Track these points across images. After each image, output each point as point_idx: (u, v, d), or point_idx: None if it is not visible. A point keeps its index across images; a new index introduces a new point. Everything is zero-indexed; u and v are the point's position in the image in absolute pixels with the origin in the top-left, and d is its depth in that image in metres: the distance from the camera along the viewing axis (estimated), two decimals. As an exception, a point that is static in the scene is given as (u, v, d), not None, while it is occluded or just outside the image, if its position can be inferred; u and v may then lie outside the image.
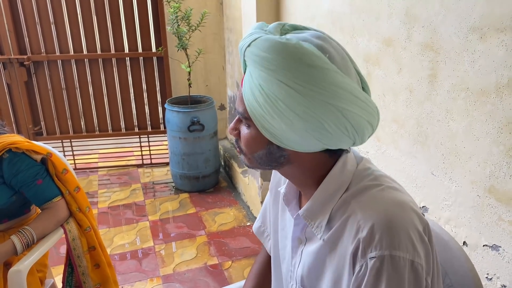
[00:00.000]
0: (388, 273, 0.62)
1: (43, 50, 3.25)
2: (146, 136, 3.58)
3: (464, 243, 1.22)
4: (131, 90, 3.45)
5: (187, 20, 2.92)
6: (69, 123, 3.46)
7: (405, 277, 0.62)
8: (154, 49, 3.36)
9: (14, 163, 1.36)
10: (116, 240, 2.59)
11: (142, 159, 3.67)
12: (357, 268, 0.65)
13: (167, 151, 3.49)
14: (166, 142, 3.54)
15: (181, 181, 3.18)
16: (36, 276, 1.49)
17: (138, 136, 3.58)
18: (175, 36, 2.93)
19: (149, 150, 3.64)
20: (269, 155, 0.71)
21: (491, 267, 1.14)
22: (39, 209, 1.59)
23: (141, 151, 3.64)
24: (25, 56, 3.19)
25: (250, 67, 0.66)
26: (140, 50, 3.37)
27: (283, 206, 0.86)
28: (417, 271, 0.63)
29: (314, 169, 0.73)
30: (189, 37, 2.98)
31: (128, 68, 3.42)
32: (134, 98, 3.48)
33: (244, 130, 0.73)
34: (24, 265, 1.32)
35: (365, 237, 0.64)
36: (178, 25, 2.90)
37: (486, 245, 1.15)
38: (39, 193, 1.41)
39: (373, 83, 1.53)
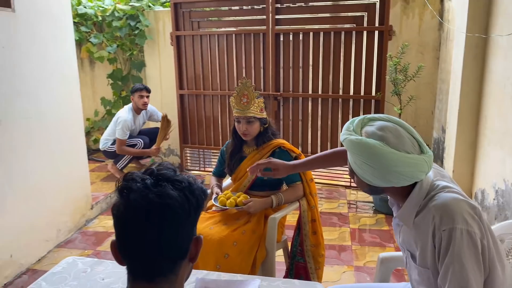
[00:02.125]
0: (454, 237, 1.16)
1: (291, 89, 4.41)
2: (357, 163, 4.33)
3: None
4: (350, 125, 4.28)
5: (404, 72, 3.57)
6: (300, 146, 4.51)
7: (464, 239, 1.15)
8: (373, 93, 4.12)
9: (281, 155, 2.30)
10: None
11: (350, 181, 4.43)
12: (437, 238, 1.21)
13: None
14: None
15: (380, 203, 3.79)
16: (279, 229, 2.38)
17: (350, 162, 4.36)
18: (392, 83, 3.62)
19: (357, 175, 4.37)
20: (371, 190, 1.33)
21: None
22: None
23: (351, 175, 4.40)
24: (278, 93, 4.41)
25: (347, 150, 1.29)
26: (362, 93, 4.18)
27: None
28: (472, 236, 1.16)
29: (400, 192, 1.31)
30: (404, 85, 3.62)
31: (350, 108, 4.27)
32: (352, 131, 4.29)
33: (354, 177, 1.34)
34: (277, 216, 2.23)
35: (437, 221, 1.20)
36: (396, 75, 3.58)
37: None
38: (290, 176, 2.31)
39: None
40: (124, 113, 4.39)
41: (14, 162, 2.81)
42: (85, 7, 4.92)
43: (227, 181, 2.63)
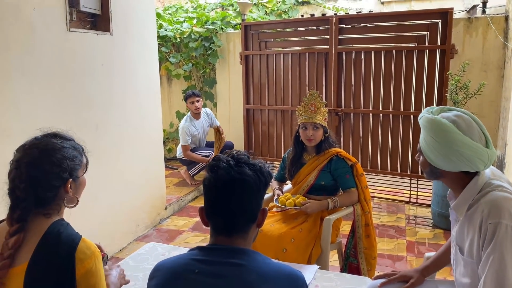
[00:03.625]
0: (498, 231, 1.30)
1: (352, 105, 4.59)
2: (416, 178, 4.39)
3: None
4: (410, 141, 4.36)
5: (465, 89, 3.63)
6: (359, 160, 4.65)
7: (508, 234, 1.29)
8: (434, 110, 4.17)
9: (337, 163, 2.52)
10: (378, 246, 3.49)
11: (410, 197, 4.48)
12: (483, 230, 1.35)
13: (431, 195, 4.17)
14: (431, 186, 4.23)
15: (438, 218, 3.82)
16: (334, 231, 2.58)
17: (409, 178, 4.44)
18: (452, 101, 3.68)
19: (417, 191, 4.42)
20: (431, 171, 1.49)
21: None
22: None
23: (410, 190, 4.46)
24: (339, 109, 4.61)
25: (421, 128, 1.48)
26: (423, 110, 4.24)
27: None
28: None
29: (457, 182, 1.46)
30: (465, 103, 3.67)
31: (411, 124, 4.35)
32: (412, 148, 4.37)
33: (421, 157, 1.52)
34: (332, 217, 2.44)
35: (485, 214, 1.34)
36: (456, 93, 3.65)
37: None
38: (345, 182, 2.53)
39: None
40: (182, 122, 4.88)
41: (106, 162, 3.28)
42: (165, 30, 5.50)
43: (288, 186, 2.88)
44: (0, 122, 2.44)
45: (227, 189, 1.13)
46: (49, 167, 1.22)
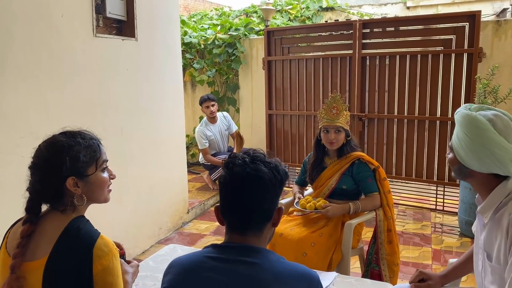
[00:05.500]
0: None
1: (376, 110, 4.53)
2: (442, 186, 4.27)
3: None
4: (436, 147, 4.26)
5: (494, 94, 3.52)
6: (384, 166, 4.56)
7: None
8: (461, 116, 4.07)
9: (359, 167, 2.48)
10: (403, 253, 3.42)
11: (436, 204, 4.36)
12: (510, 233, 1.31)
13: (458, 203, 4.05)
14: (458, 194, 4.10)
15: (465, 226, 3.70)
16: (355, 236, 2.54)
17: (435, 185, 4.32)
18: (480, 106, 3.58)
19: (443, 198, 4.30)
20: (459, 169, 1.45)
21: None
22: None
23: (436, 198, 4.34)
24: (363, 114, 4.55)
25: (456, 123, 1.44)
26: (450, 115, 4.15)
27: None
28: None
29: (485, 185, 1.42)
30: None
31: (437, 130, 4.25)
32: (438, 154, 4.26)
33: (450, 154, 1.49)
34: (354, 222, 2.40)
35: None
36: (485, 97, 3.54)
37: None
38: (368, 186, 2.48)
39: None
40: (198, 126, 4.91)
41: (130, 166, 3.34)
42: (190, 37, 5.59)
43: (308, 190, 2.85)
44: (28, 124, 2.52)
45: (242, 186, 1.12)
46: (44, 163, 1.24)
